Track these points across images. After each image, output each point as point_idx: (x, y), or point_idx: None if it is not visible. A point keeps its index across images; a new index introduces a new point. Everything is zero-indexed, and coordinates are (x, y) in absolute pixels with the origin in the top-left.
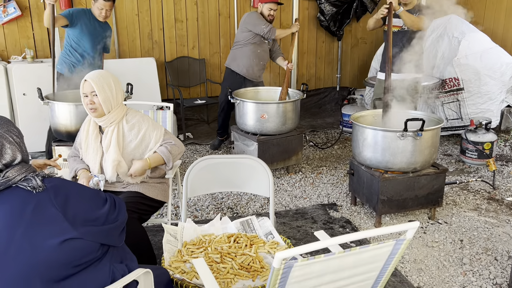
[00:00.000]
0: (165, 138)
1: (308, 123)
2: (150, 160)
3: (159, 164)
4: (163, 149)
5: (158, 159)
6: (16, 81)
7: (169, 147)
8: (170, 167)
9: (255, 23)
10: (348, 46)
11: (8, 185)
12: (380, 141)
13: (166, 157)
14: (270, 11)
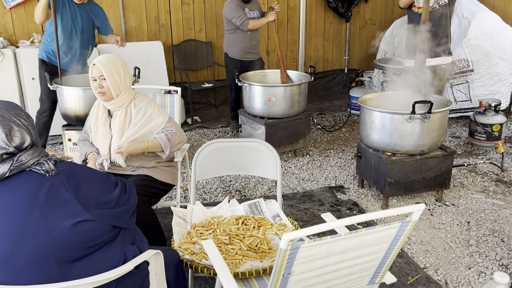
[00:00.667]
0: (167, 126)
1: (316, 106)
2: (148, 144)
3: (157, 150)
4: (163, 136)
5: (156, 145)
6: (24, 65)
7: (169, 135)
8: (166, 155)
9: (229, 14)
10: (357, 27)
11: (22, 169)
12: (387, 124)
13: (164, 144)
14: None
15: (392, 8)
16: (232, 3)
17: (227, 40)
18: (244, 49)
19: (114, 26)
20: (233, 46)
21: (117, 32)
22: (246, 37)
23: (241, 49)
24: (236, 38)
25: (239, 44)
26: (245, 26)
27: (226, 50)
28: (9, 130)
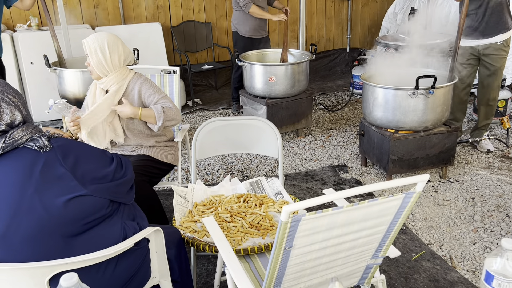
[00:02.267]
0: (163, 101)
1: (318, 86)
2: (141, 111)
3: (149, 119)
4: (158, 106)
5: (150, 114)
6: (22, 50)
7: (164, 108)
8: (158, 126)
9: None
10: (358, 5)
11: (15, 146)
12: (391, 100)
13: (158, 113)
14: None
15: None
16: None
17: (237, 17)
18: (255, 26)
19: (112, 8)
20: (243, 24)
21: (115, 15)
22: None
23: (252, 26)
24: (246, 15)
25: (250, 21)
26: (247, 8)
27: (236, 28)
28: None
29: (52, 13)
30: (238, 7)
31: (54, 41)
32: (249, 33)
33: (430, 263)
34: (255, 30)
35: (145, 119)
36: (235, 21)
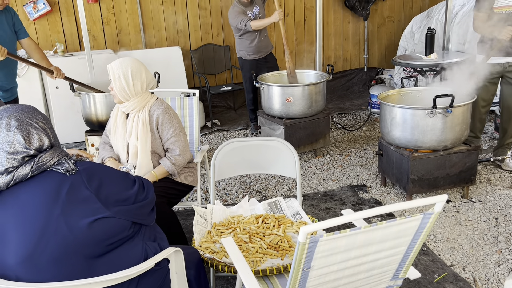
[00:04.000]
0: (172, 142)
1: (335, 106)
2: (156, 173)
3: (165, 174)
4: (167, 163)
5: (164, 172)
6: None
7: (173, 159)
8: (175, 177)
9: (233, 22)
10: (375, 25)
11: (43, 169)
12: (408, 120)
13: (171, 170)
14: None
15: (410, 4)
16: (234, 10)
17: (239, 44)
18: (256, 48)
19: (134, 33)
20: (245, 49)
21: (137, 40)
22: (254, 36)
23: (253, 49)
24: (245, 40)
25: (250, 45)
26: (248, 26)
27: (240, 54)
28: (28, 134)
29: (77, 39)
30: (238, 33)
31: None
32: (252, 55)
33: (453, 285)
34: (257, 52)
35: (162, 177)
36: (238, 47)
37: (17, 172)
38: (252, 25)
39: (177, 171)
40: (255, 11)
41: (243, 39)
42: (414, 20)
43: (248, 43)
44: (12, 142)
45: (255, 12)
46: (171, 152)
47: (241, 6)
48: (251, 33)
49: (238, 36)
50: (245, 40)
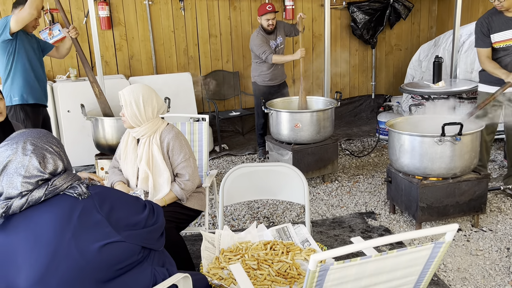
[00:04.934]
0: (182, 167)
1: (343, 132)
2: (166, 198)
3: (175, 200)
4: (177, 188)
5: (173, 197)
6: (61, 99)
7: (182, 185)
8: (184, 202)
9: (256, 49)
10: (382, 53)
11: (56, 193)
12: (417, 147)
13: (180, 196)
14: (268, 21)
15: (418, 33)
16: (258, 38)
17: (255, 70)
18: (272, 75)
19: (145, 59)
20: (261, 75)
21: (148, 65)
22: (272, 64)
23: (269, 75)
24: (262, 67)
25: (266, 71)
26: (269, 60)
27: (255, 80)
28: (43, 158)
29: (90, 64)
30: (257, 59)
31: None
32: (267, 82)
33: None
34: (273, 79)
35: (171, 202)
36: (254, 73)
37: (31, 195)
38: (273, 59)
39: (186, 196)
40: (278, 41)
41: (261, 65)
42: (421, 48)
43: (265, 70)
44: (28, 166)
45: (278, 42)
46: (181, 177)
47: (265, 34)
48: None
49: (256, 62)
50: (262, 67)
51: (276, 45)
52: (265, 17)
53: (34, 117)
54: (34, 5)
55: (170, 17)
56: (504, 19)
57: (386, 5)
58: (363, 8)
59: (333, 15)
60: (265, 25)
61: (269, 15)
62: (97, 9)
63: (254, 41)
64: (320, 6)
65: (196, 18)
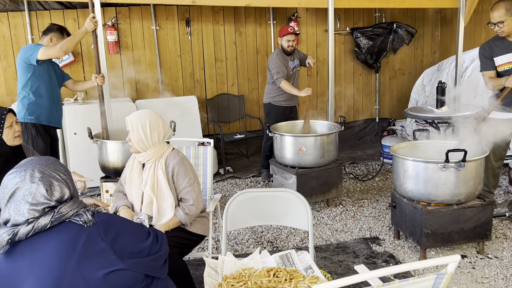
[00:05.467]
0: (186, 192)
1: (347, 155)
2: (169, 223)
3: (177, 224)
4: (181, 213)
5: (177, 222)
6: (68, 121)
7: (186, 210)
8: (188, 227)
9: (271, 66)
10: (386, 77)
11: (62, 220)
12: (421, 173)
13: (184, 221)
14: (288, 43)
15: (421, 58)
16: (276, 58)
17: (272, 90)
18: (289, 96)
19: (152, 82)
20: (279, 96)
21: (155, 89)
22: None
23: (286, 96)
24: (279, 88)
25: (284, 92)
26: (278, 82)
27: (269, 101)
28: (50, 185)
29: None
30: (272, 80)
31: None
32: (283, 102)
33: None
34: (288, 100)
35: (174, 227)
36: (269, 94)
37: (37, 222)
38: (282, 84)
39: (190, 221)
40: (295, 63)
41: (276, 86)
42: (425, 73)
43: (281, 90)
44: (35, 193)
45: (295, 64)
46: (185, 202)
47: (284, 55)
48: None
49: (273, 83)
50: (279, 87)
51: (294, 66)
52: (286, 38)
53: (45, 136)
54: (64, 48)
55: (177, 42)
56: (506, 43)
57: (390, 31)
58: (367, 33)
59: (337, 40)
60: (285, 46)
61: (290, 36)
62: (105, 33)
63: (272, 61)
64: (324, 31)
65: (202, 43)
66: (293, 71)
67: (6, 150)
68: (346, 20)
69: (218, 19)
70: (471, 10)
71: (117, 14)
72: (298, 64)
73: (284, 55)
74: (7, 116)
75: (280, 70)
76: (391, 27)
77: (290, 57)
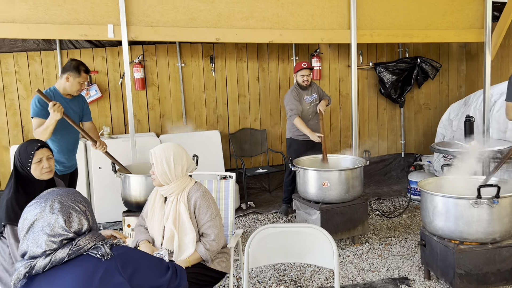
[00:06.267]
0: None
1: (373, 191)
2: (190, 259)
3: (199, 261)
4: (202, 249)
5: (198, 257)
6: (93, 156)
7: (207, 245)
8: (209, 263)
9: (286, 103)
10: (411, 112)
11: (80, 253)
12: (452, 209)
13: (204, 256)
14: (303, 78)
15: (446, 92)
16: (291, 94)
17: (291, 125)
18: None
19: (176, 117)
20: (297, 130)
21: (179, 123)
22: (308, 119)
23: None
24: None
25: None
26: (292, 119)
27: (290, 134)
28: (68, 217)
29: (123, 123)
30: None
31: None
32: (303, 137)
33: None
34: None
35: (195, 262)
36: (290, 128)
37: (55, 255)
38: (295, 122)
39: (211, 257)
40: (312, 97)
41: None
42: (451, 108)
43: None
44: (54, 224)
45: (313, 98)
46: (206, 237)
47: (299, 89)
48: (303, 116)
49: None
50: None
51: (311, 101)
52: (300, 73)
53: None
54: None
55: (201, 78)
56: None
57: (414, 66)
58: (390, 68)
59: (360, 75)
60: (300, 81)
61: (304, 71)
62: (132, 71)
63: (287, 97)
64: (347, 66)
65: (226, 79)
66: (311, 105)
67: (40, 183)
68: (369, 55)
69: (241, 56)
70: (497, 44)
71: (144, 51)
72: (316, 98)
73: (300, 90)
74: (37, 152)
75: (294, 107)
76: (415, 62)
77: (306, 91)
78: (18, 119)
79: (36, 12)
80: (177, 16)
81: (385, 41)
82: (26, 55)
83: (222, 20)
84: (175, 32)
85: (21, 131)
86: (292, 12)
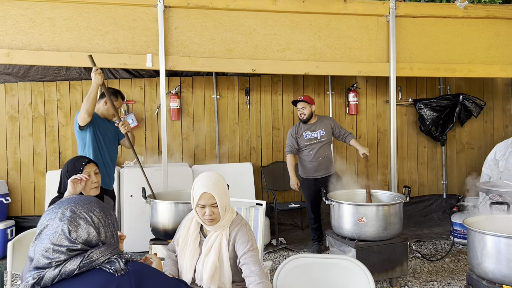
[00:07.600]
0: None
1: (412, 233)
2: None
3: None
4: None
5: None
6: (126, 184)
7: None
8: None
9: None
10: (453, 151)
11: (92, 266)
12: (503, 250)
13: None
14: (298, 111)
15: (491, 132)
16: (290, 131)
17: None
18: (312, 167)
19: (210, 148)
20: (301, 166)
21: (212, 155)
22: (310, 156)
23: (309, 168)
24: (301, 158)
25: (305, 163)
26: (286, 155)
27: (299, 172)
28: (75, 227)
29: (156, 152)
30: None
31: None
32: (308, 174)
33: None
34: (314, 170)
35: None
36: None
37: (64, 267)
38: (287, 158)
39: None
40: (316, 134)
41: (300, 157)
42: (497, 147)
43: (303, 161)
44: (59, 233)
45: (316, 135)
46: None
47: (301, 125)
48: (305, 153)
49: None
50: (301, 158)
51: (314, 137)
52: (297, 106)
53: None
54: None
55: (236, 111)
56: None
57: (456, 103)
58: (431, 105)
59: (399, 111)
60: (297, 115)
61: (299, 104)
62: (168, 101)
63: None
64: (385, 102)
65: (260, 111)
66: (311, 143)
67: None
68: (408, 91)
69: (276, 89)
70: None
71: (181, 83)
72: (324, 135)
73: (301, 126)
74: (86, 167)
75: (288, 143)
76: (457, 99)
77: (309, 126)
78: (56, 146)
79: (80, 42)
80: (214, 47)
81: (425, 75)
82: (68, 84)
83: (259, 51)
84: (212, 62)
85: (58, 157)
86: (330, 44)
